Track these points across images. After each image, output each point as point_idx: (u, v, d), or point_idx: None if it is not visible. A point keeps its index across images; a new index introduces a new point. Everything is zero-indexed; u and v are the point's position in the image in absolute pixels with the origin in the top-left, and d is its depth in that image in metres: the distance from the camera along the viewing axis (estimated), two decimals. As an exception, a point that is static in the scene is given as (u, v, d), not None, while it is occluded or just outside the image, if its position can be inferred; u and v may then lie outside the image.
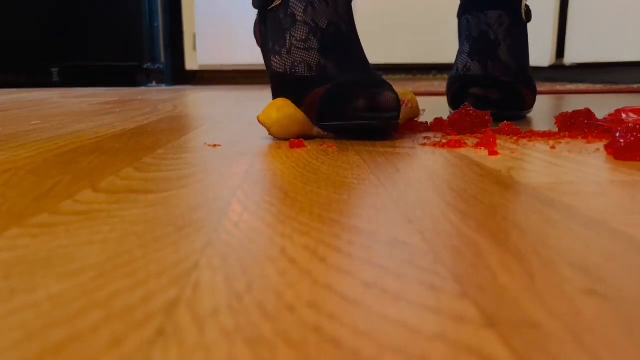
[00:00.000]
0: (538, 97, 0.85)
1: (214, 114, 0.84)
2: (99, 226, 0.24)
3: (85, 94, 1.59)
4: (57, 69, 2.26)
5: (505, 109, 0.66)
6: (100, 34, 2.26)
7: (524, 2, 0.73)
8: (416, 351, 0.13)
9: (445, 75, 1.26)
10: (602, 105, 0.89)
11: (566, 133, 0.52)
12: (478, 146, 0.45)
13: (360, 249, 0.21)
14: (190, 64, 2.67)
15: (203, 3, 2.62)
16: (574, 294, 0.16)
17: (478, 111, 0.55)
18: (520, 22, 0.73)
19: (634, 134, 0.39)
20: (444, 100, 0.97)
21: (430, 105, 0.92)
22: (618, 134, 0.40)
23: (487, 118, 0.55)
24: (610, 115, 0.55)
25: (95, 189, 0.32)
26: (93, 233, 0.23)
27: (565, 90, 1.42)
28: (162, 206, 0.27)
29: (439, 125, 0.57)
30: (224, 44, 2.61)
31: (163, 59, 2.52)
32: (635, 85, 1.59)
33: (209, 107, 1.01)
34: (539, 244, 0.21)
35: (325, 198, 0.29)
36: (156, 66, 2.43)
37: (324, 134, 0.53)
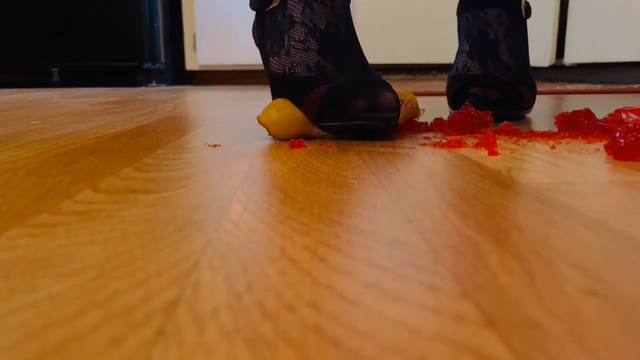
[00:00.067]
0: (538, 97, 0.85)
1: (214, 114, 0.84)
2: (99, 226, 0.24)
3: (85, 94, 1.59)
4: (57, 69, 2.27)
5: (506, 109, 0.66)
6: (100, 34, 2.26)
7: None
8: (416, 351, 0.13)
9: (445, 75, 1.26)
10: (602, 105, 0.89)
11: (566, 133, 0.52)
12: (478, 146, 0.45)
13: (360, 249, 0.21)
14: (190, 64, 2.67)
15: (203, 3, 2.62)
16: (574, 294, 0.16)
17: (478, 111, 0.55)
18: (520, 20, 0.72)
19: (634, 134, 0.39)
20: (444, 100, 0.97)
21: (430, 105, 0.92)
22: (618, 134, 0.40)
23: (487, 118, 0.55)
24: (610, 115, 0.55)
25: (95, 189, 0.32)
26: (93, 233, 0.23)
27: (565, 90, 1.42)
28: (162, 206, 0.27)
29: (439, 125, 0.57)
30: (224, 44, 2.61)
31: (163, 59, 2.52)
32: (635, 85, 1.59)
33: (209, 107, 1.01)
34: (539, 244, 0.21)
35: (325, 198, 0.29)
36: (156, 66, 2.43)
37: (324, 134, 0.53)
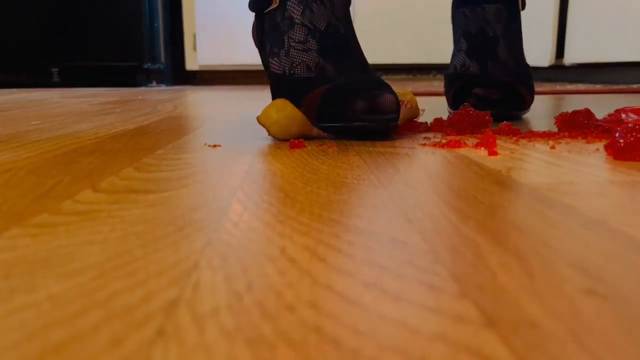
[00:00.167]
0: (538, 97, 0.85)
1: (214, 114, 0.84)
2: (99, 226, 0.24)
3: (85, 94, 1.59)
4: (57, 69, 2.27)
5: (506, 109, 0.67)
6: (100, 34, 2.26)
7: None
8: (416, 351, 0.13)
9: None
10: (602, 105, 0.89)
11: (566, 133, 0.52)
12: (478, 146, 0.45)
13: (360, 249, 0.21)
14: (190, 64, 2.67)
15: (203, 3, 2.62)
16: (574, 294, 0.16)
17: (478, 111, 0.55)
18: (517, 12, 0.72)
19: (634, 134, 0.39)
20: (443, 100, 0.97)
21: (430, 105, 0.92)
22: (618, 134, 0.40)
23: (487, 118, 0.55)
24: (610, 115, 0.55)
25: (95, 189, 0.32)
26: (93, 233, 0.23)
27: (565, 90, 1.42)
28: (162, 206, 0.27)
29: (438, 125, 0.57)
30: (224, 44, 2.61)
31: (163, 59, 2.52)
32: (635, 85, 1.59)
33: (209, 107, 1.01)
34: (539, 244, 0.21)
35: (325, 198, 0.29)
36: (156, 66, 2.43)
37: (324, 135, 0.53)
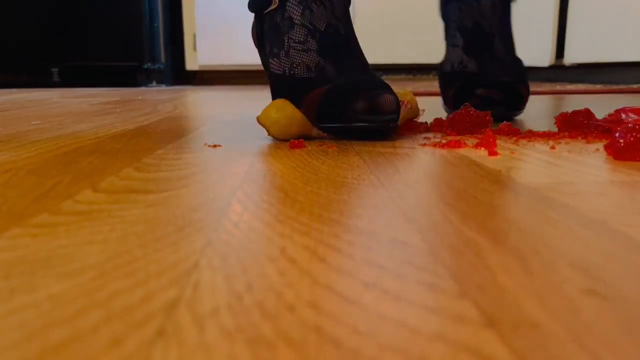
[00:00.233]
0: (538, 97, 0.85)
1: (214, 114, 0.84)
2: (99, 226, 0.24)
3: (85, 94, 1.59)
4: (57, 69, 2.27)
5: (506, 109, 0.67)
6: (100, 34, 2.26)
7: None
8: (416, 351, 0.13)
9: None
10: (602, 105, 0.89)
11: (566, 133, 0.52)
12: (478, 146, 0.45)
13: (360, 249, 0.21)
14: (190, 64, 2.67)
15: (203, 3, 2.62)
16: (574, 294, 0.16)
17: (478, 111, 0.55)
18: (509, 5, 0.71)
19: (634, 134, 0.39)
20: (443, 100, 0.97)
21: (430, 106, 0.92)
22: (617, 134, 0.40)
23: (487, 118, 0.55)
24: (610, 115, 0.55)
25: (95, 189, 0.32)
26: (93, 233, 0.23)
27: (565, 90, 1.42)
28: (162, 206, 0.27)
29: (438, 125, 0.57)
30: (224, 44, 2.61)
31: (163, 59, 2.52)
32: (635, 85, 1.59)
33: (209, 108, 1.01)
34: (539, 244, 0.21)
35: (325, 198, 0.29)
36: (156, 66, 2.43)
37: (324, 135, 0.53)
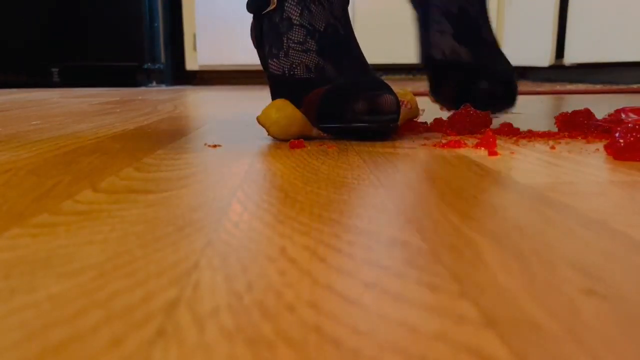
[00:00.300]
0: (538, 98, 0.85)
1: (214, 114, 0.84)
2: (99, 226, 0.24)
3: (85, 94, 1.59)
4: (57, 69, 2.26)
5: (507, 104, 0.67)
6: (100, 34, 2.26)
7: None
8: (416, 351, 0.13)
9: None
10: (602, 105, 0.89)
11: (566, 133, 0.52)
12: (478, 146, 0.45)
13: (360, 249, 0.21)
14: (190, 64, 2.67)
15: (203, 3, 2.62)
16: (574, 294, 0.16)
17: (478, 111, 0.55)
18: None
19: (634, 134, 0.39)
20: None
21: (430, 106, 0.92)
22: (617, 134, 0.40)
23: (487, 118, 0.55)
24: (609, 115, 0.55)
25: (95, 189, 0.32)
26: (93, 233, 0.23)
27: (565, 90, 1.42)
28: (162, 206, 0.27)
29: (438, 125, 0.57)
30: (224, 44, 2.61)
31: (163, 59, 2.52)
32: (635, 85, 1.59)
33: (209, 108, 1.01)
34: (539, 244, 0.21)
35: (325, 198, 0.29)
36: (156, 66, 2.43)
37: (324, 135, 0.53)
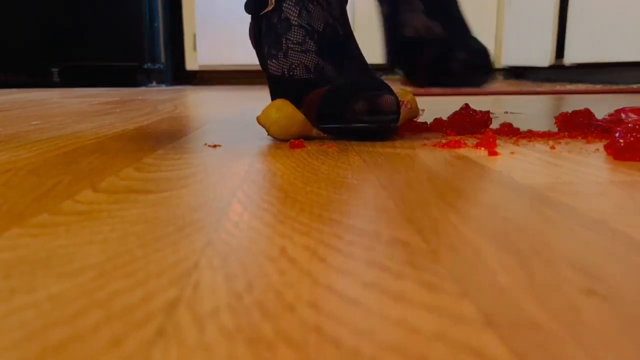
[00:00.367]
0: (538, 97, 0.85)
1: (214, 114, 0.84)
2: (99, 226, 0.24)
3: (85, 94, 1.59)
4: (57, 69, 2.26)
5: (485, 72, 0.65)
6: (100, 34, 2.26)
7: None
8: (416, 351, 0.13)
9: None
10: (602, 105, 0.89)
11: (566, 133, 0.52)
12: (478, 146, 0.45)
13: (360, 249, 0.21)
14: (190, 64, 2.67)
15: (203, 3, 2.62)
16: (574, 294, 0.16)
17: (478, 111, 0.55)
18: None
19: (634, 134, 0.39)
20: (444, 100, 0.97)
21: (430, 106, 0.92)
22: (617, 134, 0.40)
23: (487, 118, 0.55)
24: (609, 115, 0.55)
25: (95, 189, 0.32)
26: (93, 233, 0.23)
27: (565, 90, 1.42)
28: (162, 206, 0.27)
29: (438, 125, 0.57)
30: (224, 44, 2.61)
31: (163, 59, 2.52)
32: (635, 85, 1.59)
33: (209, 108, 1.01)
34: (539, 244, 0.21)
35: (325, 198, 0.29)
36: (156, 66, 2.43)
37: (324, 135, 0.53)
